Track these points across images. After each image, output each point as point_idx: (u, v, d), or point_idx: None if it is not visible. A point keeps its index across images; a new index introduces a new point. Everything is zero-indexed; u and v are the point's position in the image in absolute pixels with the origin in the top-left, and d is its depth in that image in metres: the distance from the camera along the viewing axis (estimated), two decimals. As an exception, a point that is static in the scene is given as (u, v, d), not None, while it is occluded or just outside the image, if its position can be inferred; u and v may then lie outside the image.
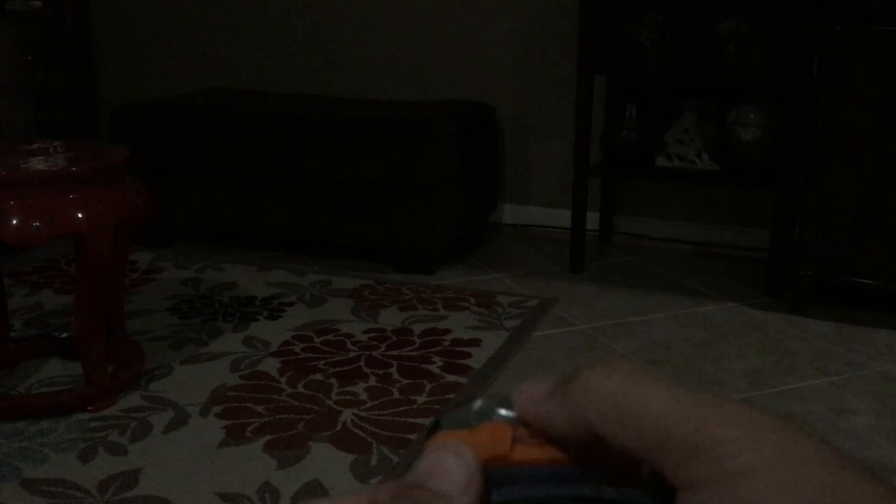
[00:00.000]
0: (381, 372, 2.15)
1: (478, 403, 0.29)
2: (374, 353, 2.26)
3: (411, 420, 1.92)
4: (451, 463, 0.27)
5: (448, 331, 2.41)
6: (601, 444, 0.28)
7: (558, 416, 0.27)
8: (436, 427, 0.29)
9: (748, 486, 0.23)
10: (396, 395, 2.03)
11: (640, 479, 0.28)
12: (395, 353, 2.26)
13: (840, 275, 2.50)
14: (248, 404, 1.98)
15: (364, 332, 2.38)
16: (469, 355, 2.25)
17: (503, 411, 0.29)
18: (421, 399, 2.02)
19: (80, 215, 1.80)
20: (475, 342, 2.33)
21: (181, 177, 3.05)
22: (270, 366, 2.17)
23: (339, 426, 1.89)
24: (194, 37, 3.69)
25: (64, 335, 2.29)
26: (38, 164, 1.89)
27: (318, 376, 2.11)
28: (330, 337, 2.36)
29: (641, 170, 2.94)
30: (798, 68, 2.55)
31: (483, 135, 3.20)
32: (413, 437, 1.84)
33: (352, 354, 2.24)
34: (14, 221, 1.75)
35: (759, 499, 0.23)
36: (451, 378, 2.12)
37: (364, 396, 2.02)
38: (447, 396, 2.03)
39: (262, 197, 2.98)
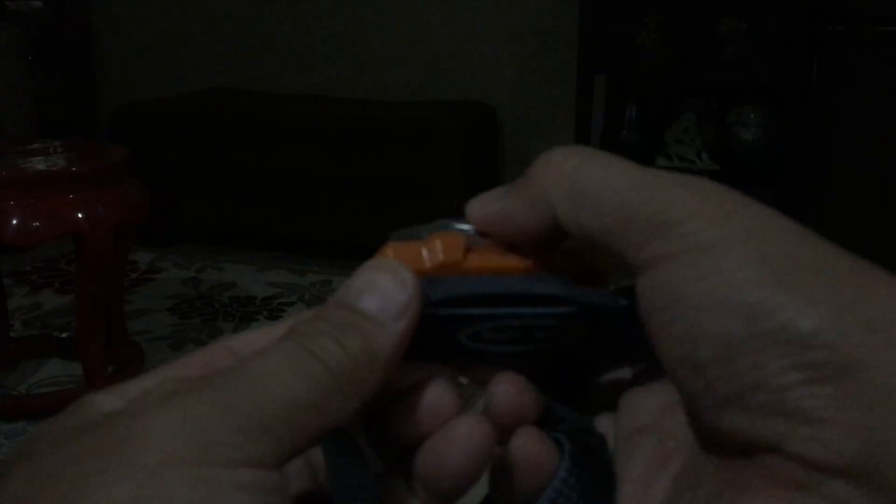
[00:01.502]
0: (381, 372, 2.14)
1: (432, 223, 0.27)
2: (374, 353, 2.26)
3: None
4: (386, 283, 0.24)
5: (448, 331, 2.40)
6: (563, 252, 0.26)
7: (517, 208, 0.25)
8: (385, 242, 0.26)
9: (714, 260, 0.22)
10: (396, 395, 2.03)
11: (603, 285, 0.26)
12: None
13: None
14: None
15: (364, 332, 2.38)
16: (469, 355, 2.25)
17: (460, 226, 0.26)
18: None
19: (80, 215, 1.80)
20: (475, 342, 2.33)
21: (181, 177, 3.04)
22: (270, 366, 2.17)
23: (339, 426, 1.88)
24: (194, 37, 3.69)
25: (64, 335, 2.29)
26: (38, 164, 1.89)
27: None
28: (330, 337, 2.35)
29: (641, 170, 2.94)
30: (798, 68, 2.54)
31: (483, 135, 3.20)
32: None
33: (352, 354, 2.24)
34: (14, 221, 1.74)
35: (728, 270, 0.22)
36: (451, 378, 2.12)
37: (364, 396, 2.02)
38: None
39: (263, 197, 2.98)
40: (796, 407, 0.20)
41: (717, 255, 0.22)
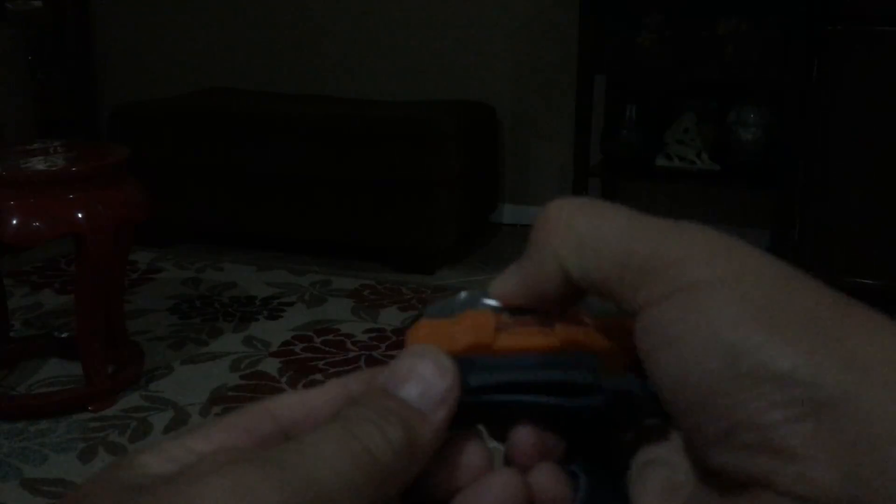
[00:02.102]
0: (381, 372, 2.14)
1: (463, 295, 0.28)
2: (374, 353, 2.26)
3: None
4: (428, 373, 0.25)
5: (448, 331, 2.40)
6: (591, 327, 0.27)
7: (531, 273, 0.26)
8: (418, 318, 0.27)
9: (700, 300, 0.23)
10: (396, 395, 2.03)
11: (628, 365, 0.26)
12: (394, 353, 2.25)
13: (840, 275, 2.50)
14: (248, 404, 1.98)
15: (364, 332, 2.38)
16: (469, 355, 2.25)
17: (488, 301, 0.27)
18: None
19: (80, 215, 1.80)
20: (475, 342, 2.33)
21: (181, 177, 3.05)
22: (270, 366, 2.17)
23: (339, 426, 1.88)
24: (194, 37, 3.69)
25: (64, 335, 2.29)
26: (38, 164, 1.89)
27: (319, 376, 2.11)
28: (330, 337, 2.36)
29: (641, 170, 2.94)
30: (798, 68, 2.54)
31: (483, 135, 3.20)
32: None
33: (352, 354, 2.24)
34: (14, 221, 1.75)
35: (710, 311, 0.23)
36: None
37: (364, 396, 2.02)
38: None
39: (263, 197, 2.98)
40: (781, 445, 0.21)
41: (700, 296, 0.23)
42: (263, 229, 3.05)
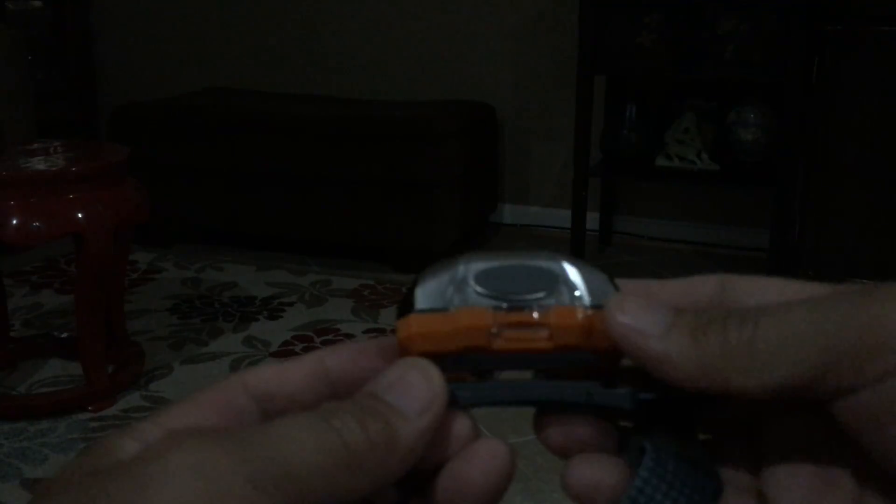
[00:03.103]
0: (381, 372, 2.14)
1: (460, 269, 0.27)
2: (374, 353, 2.26)
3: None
4: (415, 381, 0.26)
5: (448, 331, 2.40)
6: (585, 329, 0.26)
7: (685, 360, 0.25)
8: (409, 306, 0.27)
9: None
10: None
11: (620, 372, 0.27)
12: (395, 353, 2.26)
13: (840, 275, 2.50)
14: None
15: (364, 332, 2.38)
16: (469, 355, 2.25)
17: (479, 288, 0.27)
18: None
19: (80, 215, 1.80)
20: (475, 342, 2.33)
21: (181, 177, 3.04)
22: (270, 366, 2.17)
23: (339, 426, 1.88)
24: (194, 37, 3.69)
25: (64, 335, 2.29)
26: (38, 164, 1.89)
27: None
28: (330, 337, 2.36)
29: (641, 170, 2.94)
30: (798, 68, 2.54)
31: (483, 135, 3.20)
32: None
33: (352, 354, 2.24)
34: (14, 221, 1.75)
35: None
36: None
37: (364, 396, 2.02)
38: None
39: (262, 197, 2.98)
40: None
41: None
42: (263, 229, 3.05)
